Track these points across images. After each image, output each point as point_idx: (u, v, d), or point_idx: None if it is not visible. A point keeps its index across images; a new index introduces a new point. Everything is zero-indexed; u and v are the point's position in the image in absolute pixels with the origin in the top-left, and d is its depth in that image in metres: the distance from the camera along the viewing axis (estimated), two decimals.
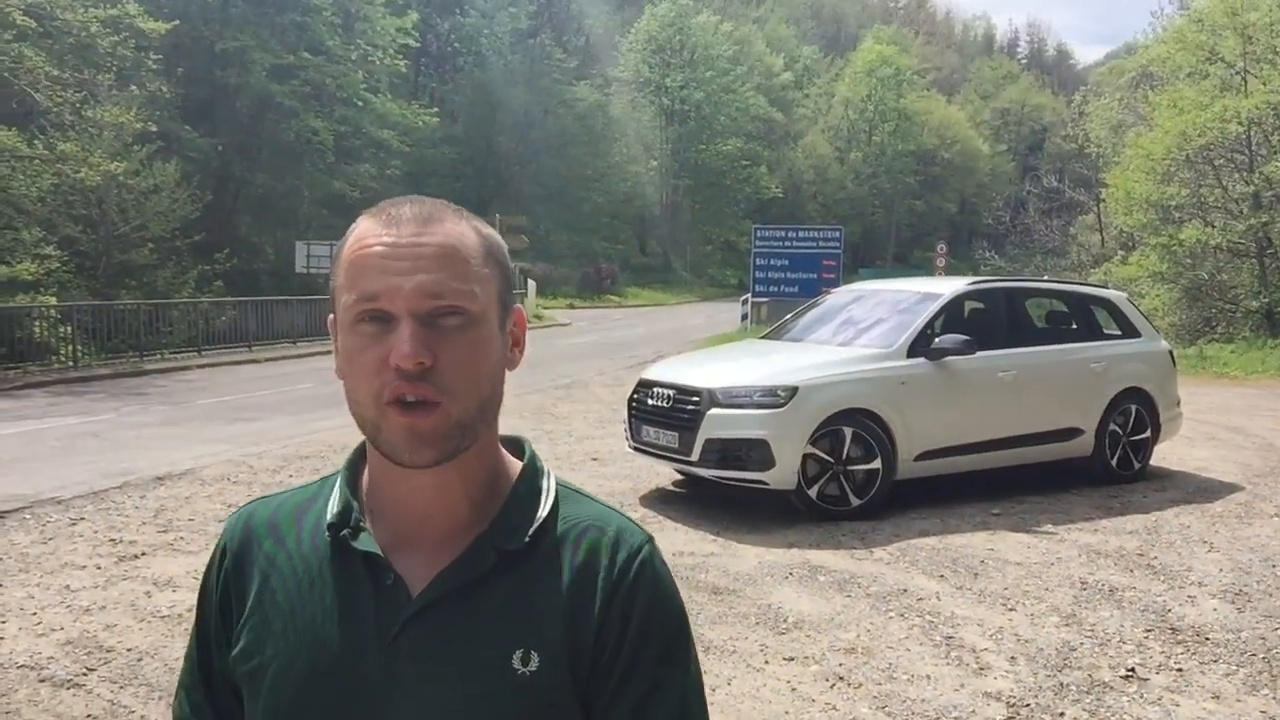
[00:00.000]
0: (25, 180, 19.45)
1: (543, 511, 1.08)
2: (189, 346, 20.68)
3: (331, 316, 1.07)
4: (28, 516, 7.29)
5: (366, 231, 1.03)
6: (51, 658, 4.68)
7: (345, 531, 1.06)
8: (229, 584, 1.12)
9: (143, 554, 6.38)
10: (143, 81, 23.55)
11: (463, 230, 1.05)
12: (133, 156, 21.89)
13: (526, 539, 1.06)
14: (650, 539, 1.11)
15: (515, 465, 1.13)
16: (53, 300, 18.79)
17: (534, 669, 1.01)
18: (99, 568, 6.09)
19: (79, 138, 20.41)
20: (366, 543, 1.05)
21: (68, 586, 5.72)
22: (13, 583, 5.77)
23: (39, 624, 5.11)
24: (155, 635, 4.98)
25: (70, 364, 17.67)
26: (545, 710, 1.02)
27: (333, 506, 1.09)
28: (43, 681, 4.41)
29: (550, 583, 1.05)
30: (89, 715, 4.10)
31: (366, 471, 1.12)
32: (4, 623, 5.12)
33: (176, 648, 4.80)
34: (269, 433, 11.12)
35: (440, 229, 1.03)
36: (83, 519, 7.25)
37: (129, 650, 4.78)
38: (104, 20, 20.89)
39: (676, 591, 1.11)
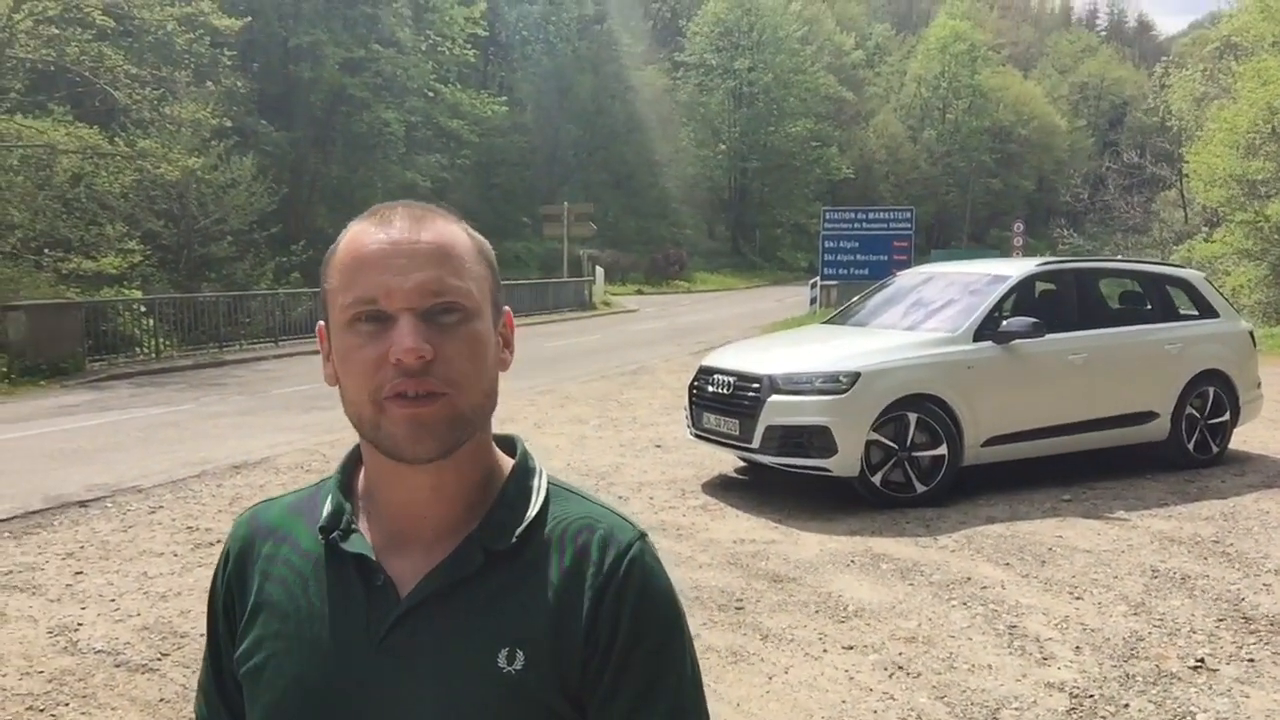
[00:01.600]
0: (108, 177, 20.03)
1: (532, 511, 1.09)
2: (266, 337, 21.16)
3: (321, 324, 1.09)
4: (109, 505, 7.55)
5: (360, 233, 1.05)
6: (128, 643, 4.84)
7: (336, 534, 1.08)
8: (231, 587, 1.14)
9: (218, 541, 6.55)
10: (219, 78, 24.07)
11: (454, 230, 1.07)
12: (210, 152, 22.42)
13: (514, 539, 1.06)
14: (642, 536, 1.10)
15: (508, 464, 1.14)
16: (138, 293, 19.38)
17: (520, 668, 1.02)
18: (176, 555, 6.28)
19: (158, 134, 20.93)
20: (357, 544, 1.07)
21: (146, 573, 5.91)
22: (94, 570, 5.98)
23: (117, 610, 5.29)
24: None
25: (153, 355, 18.19)
26: (533, 709, 1.02)
27: (325, 509, 1.10)
28: (119, 666, 4.57)
29: (538, 582, 1.06)
30: (162, 699, 4.24)
31: (362, 474, 1.13)
32: (84, 609, 5.31)
33: None
34: (342, 421, 11.04)
35: (433, 228, 1.05)
36: (161, 507, 7.48)
37: (202, 635, 4.88)
38: (180, 18, 21.38)
39: (670, 588, 1.10)
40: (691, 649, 1.11)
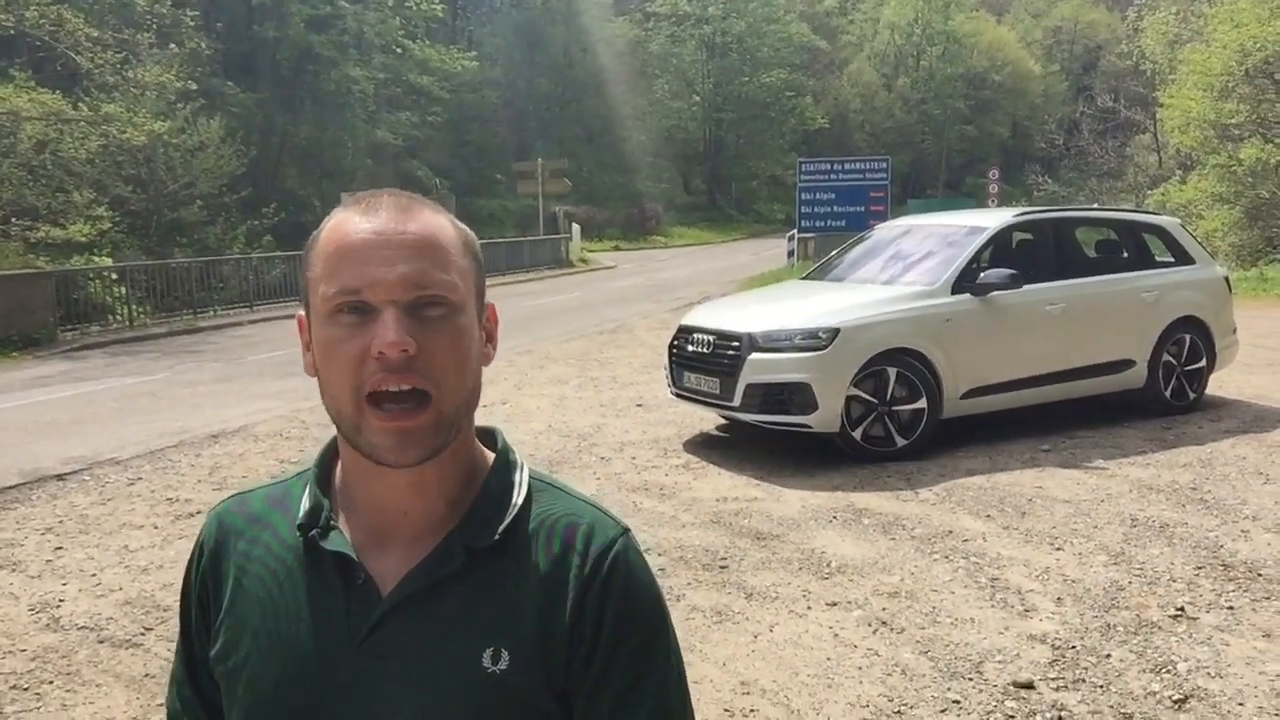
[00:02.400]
0: (73, 143, 19.71)
1: (513, 509, 1.07)
2: (241, 302, 20.98)
3: (301, 314, 1.06)
4: (87, 478, 7.48)
5: (344, 221, 1.02)
6: (111, 618, 4.81)
7: (315, 532, 1.06)
8: (206, 581, 1.13)
9: (198, 512, 6.52)
10: (182, 39, 23.63)
11: (441, 221, 1.04)
12: (177, 115, 22.11)
13: (496, 536, 1.05)
14: (625, 531, 1.09)
15: (489, 458, 1.12)
16: (108, 260, 19.13)
17: (504, 667, 1.01)
18: (156, 527, 6.24)
19: (123, 98, 20.60)
20: (336, 543, 1.05)
21: (126, 547, 5.87)
22: (73, 544, 5.93)
23: (98, 585, 5.26)
24: None
25: (126, 324, 18.00)
26: (517, 707, 1.01)
27: (303, 505, 1.08)
28: (102, 642, 4.54)
29: (521, 579, 1.04)
30: (147, 674, 4.22)
31: (339, 468, 1.10)
32: (65, 584, 5.27)
33: None
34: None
35: (419, 219, 1.02)
36: (140, 479, 7.42)
37: None
38: None
39: (653, 583, 1.09)
40: (675, 643, 1.10)
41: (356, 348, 0.97)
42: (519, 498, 1.08)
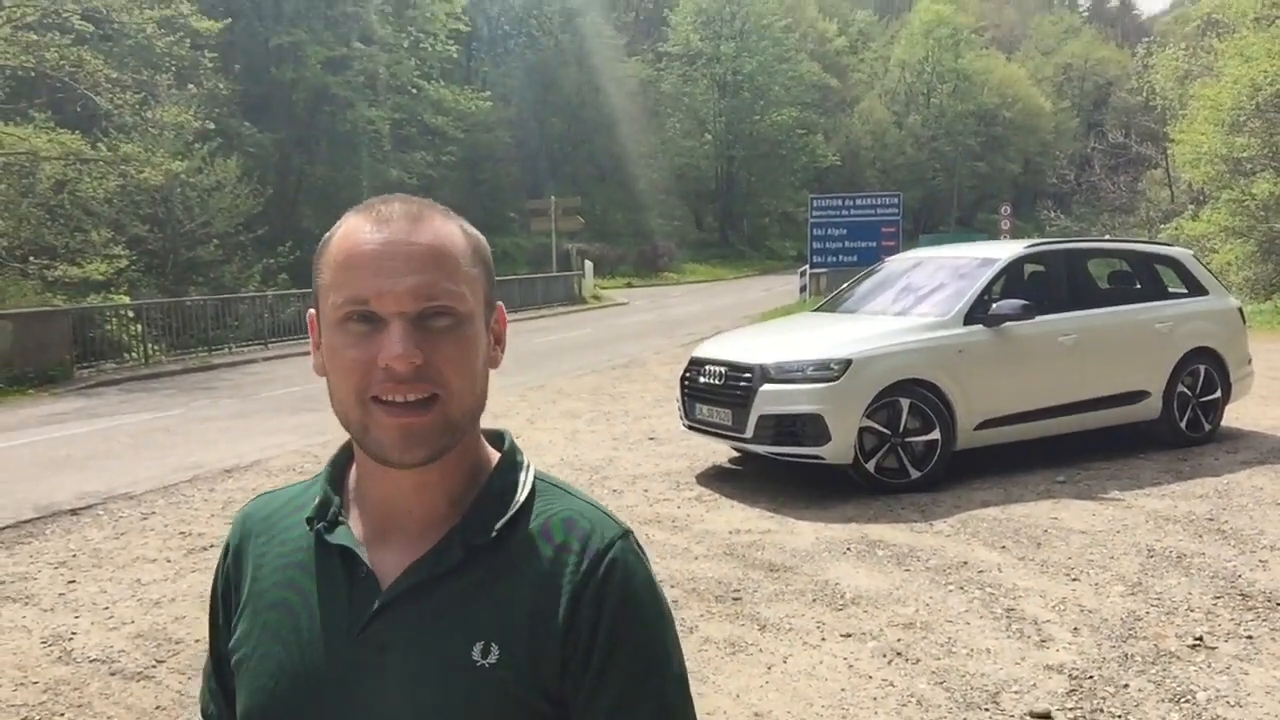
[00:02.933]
0: (91, 182, 19.93)
1: (514, 506, 1.08)
2: (256, 340, 21.08)
3: (312, 312, 1.08)
4: (101, 513, 7.50)
5: (355, 229, 1.03)
6: (123, 650, 4.81)
7: (321, 525, 1.09)
8: (229, 578, 1.17)
9: (211, 546, 6.52)
10: (200, 80, 23.94)
11: (451, 230, 1.05)
12: (194, 155, 22.37)
13: (494, 534, 1.06)
14: (626, 533, 1.09)
15: (494, 459, 1.13)
16: (125, 299, 19.28)
17: (493, 661, 1.02)
18: (169, 561, 6.24)
19: (141, 139, 20.83)
20: (341, 536, 1.08)
21: (139, 580, 5.87)
22: (86, 578, 5.94)
23: (111, 618, 5.26)
24: None
25: (142, 361, 18.11)
26: (505, 702, 1.02)
27: (314, 500, 1.12)
28: (114, 674, 4.54)
29: (518, 576, 1.05)
30: (158, 706, 4.21)
31: (353, 466, 1.14)
32: (78, 618, 5.27)
33: None
34: (333, 422, 11.15)
35: (430, 228, 1.03)
36: (154, 513, 7.44)
37: (197, 641, 4.89)
38: (159, 21, 21.24)
39: (653, 586, 1.09)
40: (678, 648, 1.10)
41: (364, 356, 1.00)
42: (521, 496, 1.10)
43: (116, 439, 10.77)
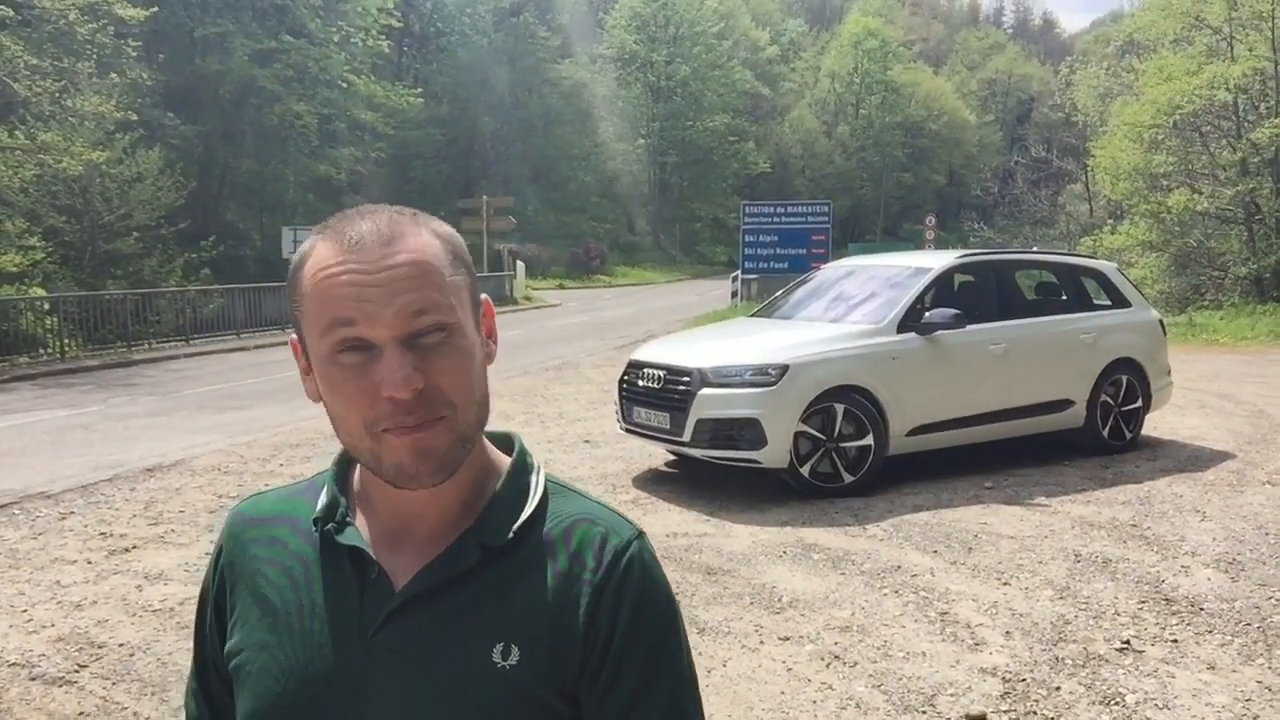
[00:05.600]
0: (7, 171, 19.28)
1: (529, 508, 1.08)
2: (177, 335, 20.59)
3: (293, 337, 1.05)
4: (17, 512, 7.25)
5: (327, 257, 0.98)
6: (43, 655, 4.64)
7: (330, 526, 1.07)
8: (223, 581, 1.14)
9: (133, 547, 6.34)
10: (123, 69, 23.31)
11: (426, 241, 1.01)
12: (115, 145, 21.73)
13: (510, 535, 1.05)
14: (640, 534, 1.10)
15: (504, 462, 1.12)
16: (41, 291, 18.68)
17: (514, 663, 1.01)
18: (90, 562, 6.05)
19: (60, 127, 20.22)
20: (351, 537, 1.06)
21: (58, 582, 5.68)
22: (2, 580, 5.73)
23: (29, 621, 5.07)
24: (147, 630, 4.95)
25: (58, 356, 17.56)
26: (526, 704, 1.01)
27: (320, 501, 1.09)
28: (34, 679, 4.38)
29: (535, 578, 1.05)
30: (81, 713, 4.07)
31: (357, 471, 1.12)
32: None
33: (168, 642, 4.78)
34: (259, 421, 11.07)
35: (405, 245, 0.99)
36: (72, 513, 7.21)
37: (121, 645, 4.75)
38: (82, 7, 20.65)
39: (667, 586, 1.10)
40: (687, 645, 1.11)
41: (366, 387, 0.97)
42: (534, 499, 1.09)
43: (32, 436, 10.42)
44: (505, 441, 1.15)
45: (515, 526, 1.05)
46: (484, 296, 1.09)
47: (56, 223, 20.79)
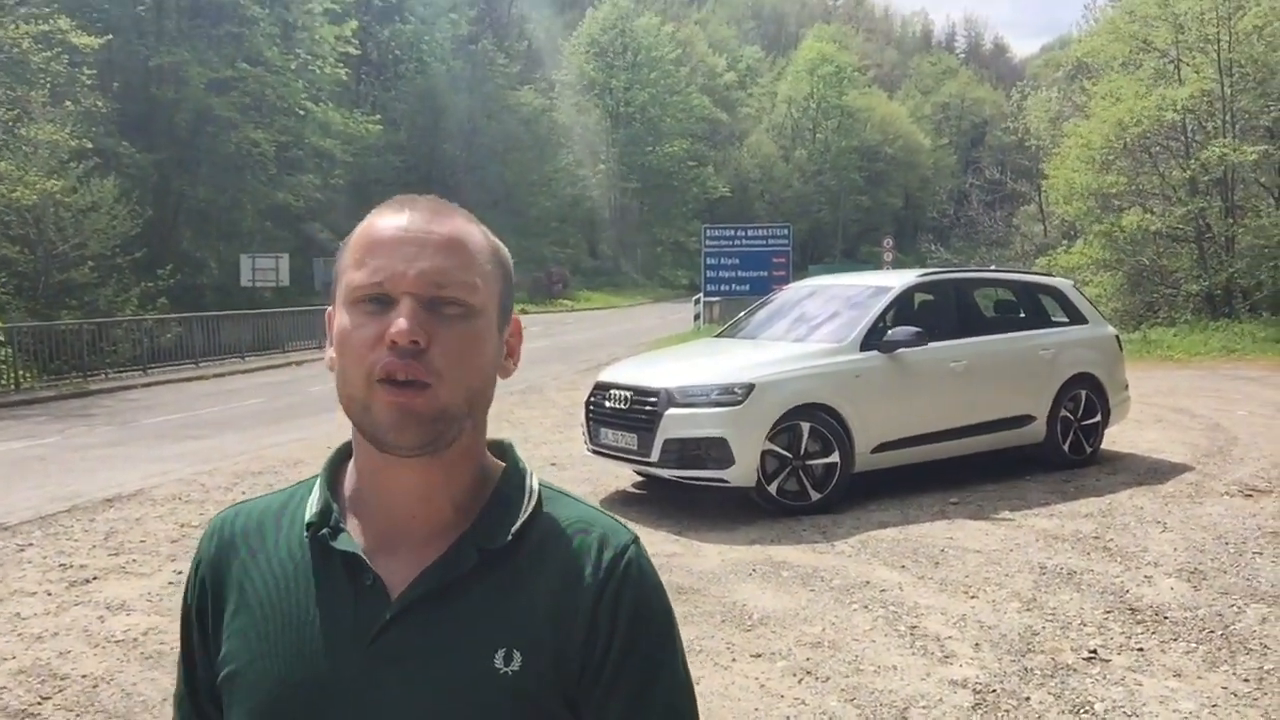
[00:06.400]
0: None
1: (525, 511, 1.08)
2: (134, 365, 20.32)
3: (330, 309, 1.07)
4: None
5: (378, 217, 1.05)
6: (4, 688, 4.55)
7: (324, 531, 1.06)
8: (205, 593, 1.11)
9: (94, 578, 6.23)
10: (77, 98, 23.09)
11: (472, 229, 1.07)
12: (69, 174, 21.49)
13: (509, 538, 1.05)
14: (636, 539, 1.10)
15: (499, 467, 1.13)
16: None
17: (517, 668, 1.01)
18: (49, 594, 5.94)
19: (13, 156, 19.98)
20: (345, 543, 1.05)
21: (18, 614, 5.57)
22: None
23: None
24: (110, 661, 4.86)
25: (12, 387, 17.27)
26: (529, 710, 1.01)
27: (312, 506, 1.08)
28: None
29: (534, 582, 1.04)
30: None
31: (348, 473, 1.11)
32: None
33: (132, 673, 4.70)
34: (219, 450, 10.93)
35: (450, 222, 1.05)
36: (31, 544, 7.07)
37: (84, 677, 4.66)
38: (35, 35, 20.45)
39: (663, 590, 1.10)
40: (683, 650, 1.11)
41: (372, 333, 0.99)
42: (530, 503, 1.09)
43: None
44: (498, 448, 1.15)
45: (514, 529, 1.05)
46: (516, 316, 1.12)
47: (10, 253, 20.49)
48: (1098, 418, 8.94)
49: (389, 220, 1.04)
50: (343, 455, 1.12)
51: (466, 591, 1.03)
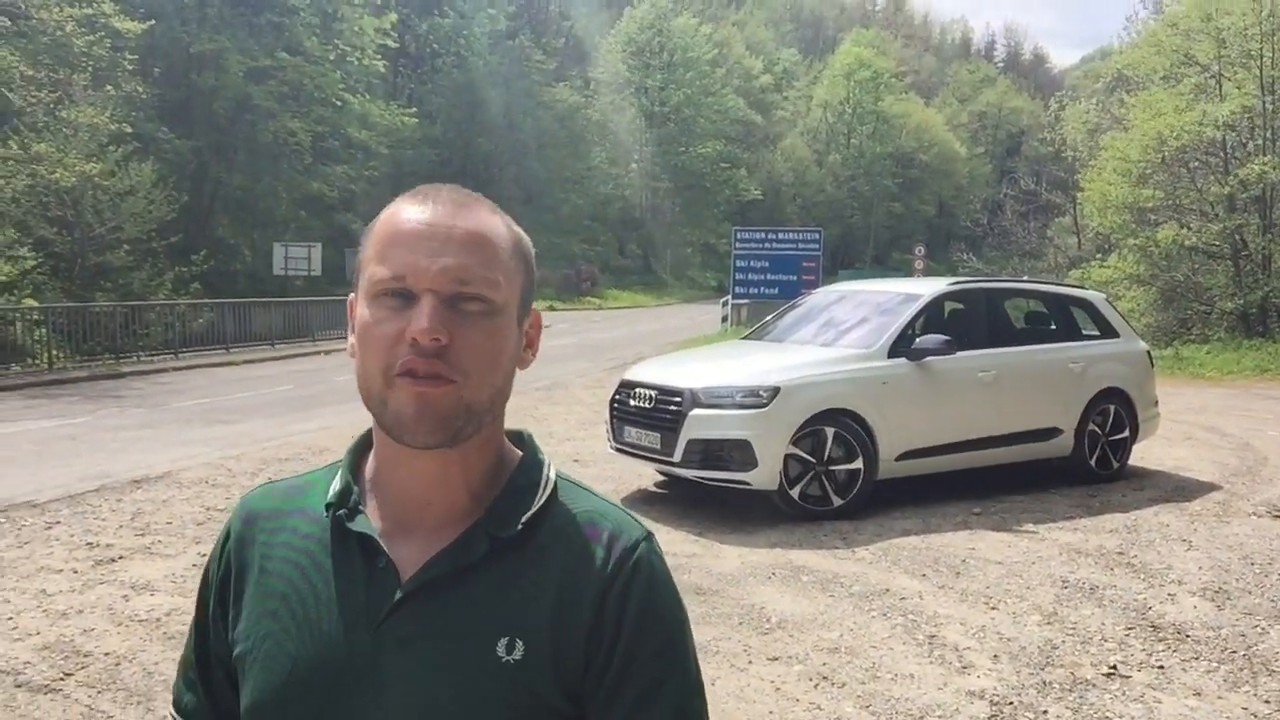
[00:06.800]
0: None
1: (539, 501, 1.08)
2: (166, 349, 20.54)
3: (352, 296, 1.08)
4: (3, 520, 7.20)
5: (401, 209, 1.05)
6: (28, 663, 4.61)
7: (342, 512, 1.07)
8: (229, 566, 1.13)
9: (120, 558, 6.31)
10: (118, 82, 23.33)
11: (495, 222, 1.06)
12: (108, 157, 21.73)
13: (520, 526, 1.05)
14: (649, 535, 1.10)
15: (516, 455, 1.13)
16: (33, 302, 18.63)
17: (519, 657, 1.01)
18: (76, 572, 6.02)
19: (54, 138, 20.23)
20: (361, 524, 1.06)
21: (44, 591, 5.65)
22: None
23: (15, 629, 5.04)
24: (133, 640, 4.92)
25: (46, 366, 17.50)
26: (528, 699, 1.01)
27: (333, 487, 1.10)
28: (19, 687, 4.35)
29: (542, 572, 1.05)
30: None
31: (370, 457, 1.12)
32: None
33: (154, 652, 4.76)
34: (247, 435, 11.03)
35: (474, 216, 1.04)
36: (59, 523, 7.17)
37: (106, 655, 4.72)
38: (79, 19, 20.69)
39: (674, 589, 1.10)
40: (694, 651, 1.10)
41: (393, 329, 0.99)
42: (544, 493, 1.09)
43: (19, 445, 10.38)
44: (517, 438, 1.16)
45: (525, 519, 1.06)
46: (536, 308, 1.12)
47: (47, 234, 20.77)
48: (1126, 433, 8.86)
49: (412, 212, 1.03)
50: (366, 440, 1.13)
51: (475, 578, 1.03)
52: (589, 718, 1.04)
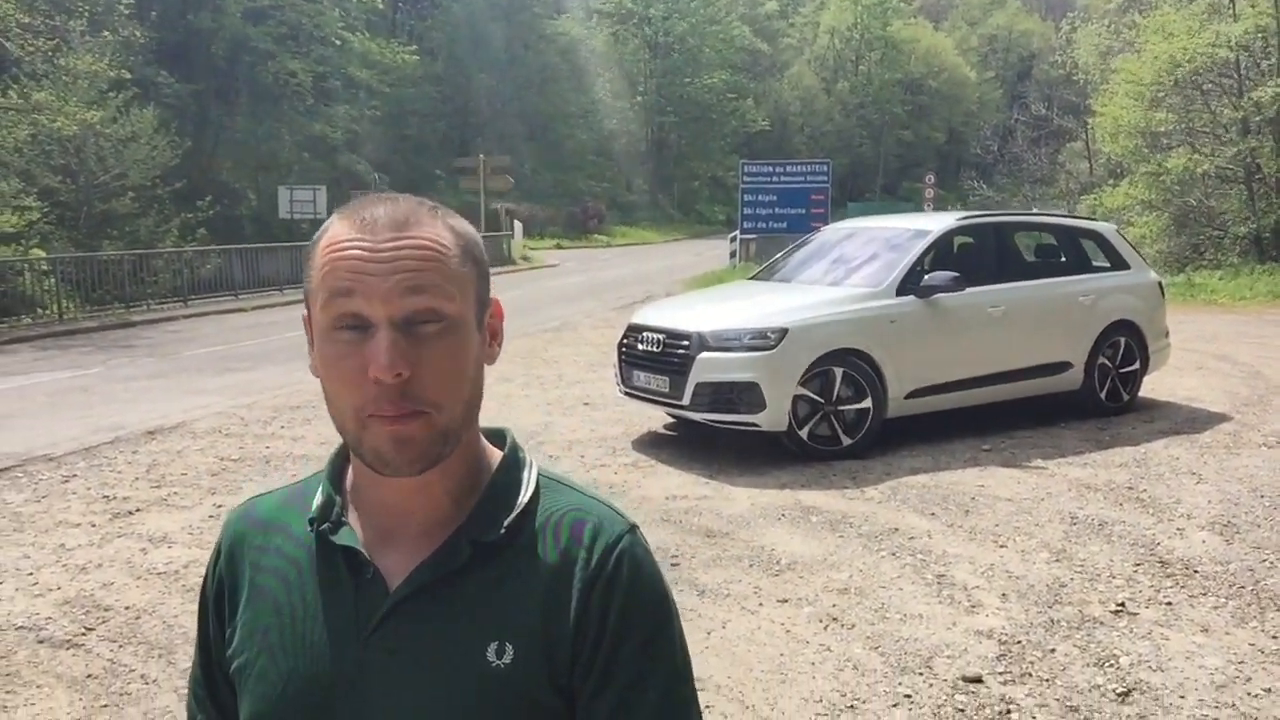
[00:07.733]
0: (1, 131, 19.14)
1: (521, 502, 1.08)
2: (174, 296, 20.56)
3: (305, 313, 1.05)
4: (20, 475, 7.28)
5: (340, 234, 1.00)
6: (50, 618, 4.69)
7: (325, 526, 1.07)
8: (222, 582, 1.14)
9: (137, 510, 6.39)
10: (115, 27, 23.08)
11: (439, 231, 1.02)
12: (108, 104, 21.56)
13: (502, 530, 1.05)
14: (633, 528, 1.09)
15: (496, 457, 1.12)
16: (41, 252, 18.63)
17: (509, 661, 1.02)
18: (93, 525, 6.09)
19: (53, 86, 20.05)
20: (346, 537, 1.06)
21: (63, 545, 5.73)
22: (7, 543, 5.77)
23: (35, 584, 5.12)
24: (153, 593, 5.00)
25: (56, 317, 17.55)
26: (522, 702, 1.02)
27: (315, 502, 1.10)
28: (41, 642, 4.43)
29: (527, 574, 1.05)
30: (89, 675, 4.13)
31: (351, 466, 1.11)
32: (1, 584, 5.13)
33: (174, 604, 4.83)
34: (259, 383, 11.09)
35: (417, 232, 1.00)
36: (75, 476, 7.24)
37: (127, 608, 4.80)
38: None
39: (660, 580, 1.10)
40: (682, 641, 1.10)
41: (356, 366, 0.97)
42: (526, 494, 1.09)
43: (33, 398, 10.45)
44: (498, 436, 1.15)
45: (506, 522, 1.06)
46: (495, 298, 1.10)
47: (51, 183, 20.68)
48: (1136, 365, 8.84)
49: (352, 237, 0.99)
50: (346, 450, 1.12)
51: (461, 585, 1.04)
52: (578, 709, 1.04)
